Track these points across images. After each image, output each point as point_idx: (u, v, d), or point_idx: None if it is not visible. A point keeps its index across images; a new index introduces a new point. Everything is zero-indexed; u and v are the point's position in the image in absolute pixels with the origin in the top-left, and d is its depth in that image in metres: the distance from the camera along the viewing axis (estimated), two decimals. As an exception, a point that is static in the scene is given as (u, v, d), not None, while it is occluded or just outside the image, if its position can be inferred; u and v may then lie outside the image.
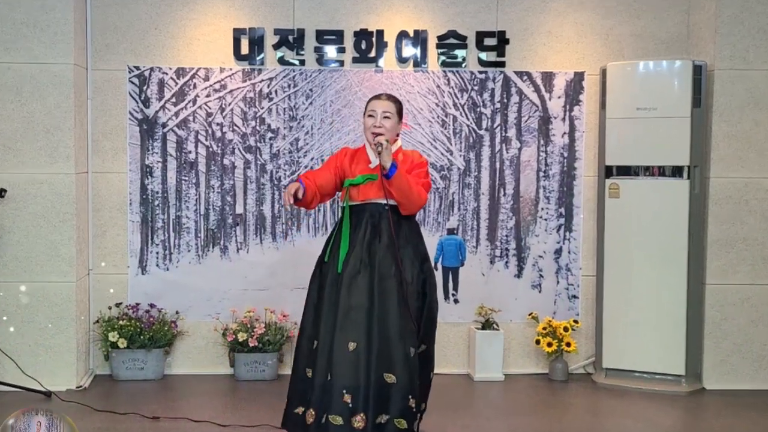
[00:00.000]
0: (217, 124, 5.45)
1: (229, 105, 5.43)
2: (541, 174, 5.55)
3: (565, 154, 5.55)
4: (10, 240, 5.05)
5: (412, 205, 3.81)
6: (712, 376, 5.32)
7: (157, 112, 5.42)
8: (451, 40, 5.48)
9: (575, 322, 5.44)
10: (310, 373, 3.81)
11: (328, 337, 3.74)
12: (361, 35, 5.43)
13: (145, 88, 5.39)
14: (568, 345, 5.35)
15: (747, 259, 5.29)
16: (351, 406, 3.67)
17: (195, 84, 5.41)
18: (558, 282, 5.60)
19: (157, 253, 5.46)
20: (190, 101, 5.43)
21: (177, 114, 5.43)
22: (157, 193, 5.46)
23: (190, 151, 5.45)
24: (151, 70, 5.40)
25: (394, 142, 3.92)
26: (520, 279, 5.58)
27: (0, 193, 4.89)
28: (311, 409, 3.74)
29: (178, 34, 5.41)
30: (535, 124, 5.53)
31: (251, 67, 5.42)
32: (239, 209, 5.48)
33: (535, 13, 5.48)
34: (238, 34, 5.40)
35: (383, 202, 3.82)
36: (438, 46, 5.47)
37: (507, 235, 5.58)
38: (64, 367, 5.13)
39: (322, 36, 5.43)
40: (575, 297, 5.60)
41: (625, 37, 5.53)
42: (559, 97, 5.53)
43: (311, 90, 5.43)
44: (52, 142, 5.05)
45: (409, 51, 5.45)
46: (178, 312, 5.48)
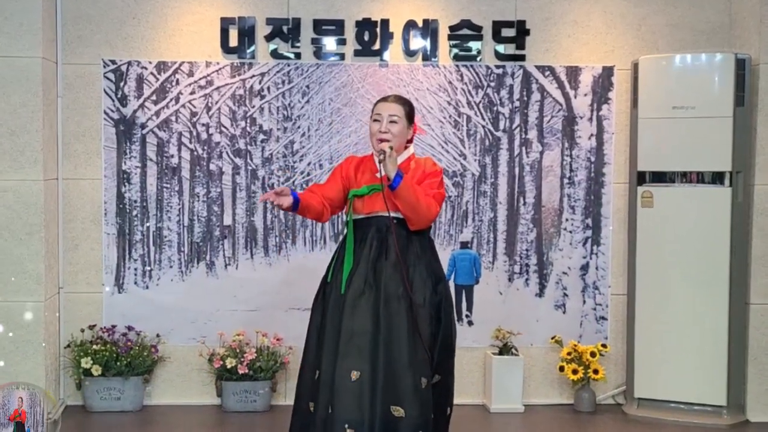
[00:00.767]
0: (203, 125, 5.43)
1: (216, 103, 5.41)
2: (565, 181, 5.53)
3: (592, 159, 5.52)
4: (-31, 255, 5.04)
5: (421, 219, 3.79)
6: (756, 407, 5.29)
7: (135, 112, 5.39)
8: (465, 31, 5.44)
9: (604, 346, 5.41)
10: (312, 407, 3.80)
11: (329, 366, 3.73)
12: (364, 25, 5.40)
13: (121, 84, 5.36)
14: (596, 372, 5.34)
15: (797, 277, 5.24)
16: (354, 442, 3.67)
17: (178, 80, 5.38)
18: (584, 302, 5.57)
19: (136, 269, 5.44)
20: (172, 99, 5.40)
21: (158, 113, 5.40)
22: (135, 202, 5.43)
23: (173, 155, 5.42)
24: (129, 64, 5.37)
25: (406, 149, 3.93)
26: (541, 298, 5.56)
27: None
28: (312, 447, 3.75)
29: (159, 24, 5.38)
30: (558, 125, 5.50)
31: (241, 61, 5.39)
32: (227, 220, 5.46)
33: (558, 0, 5.45)
34: (226, 24, 5.38)
35: (392, 215, 3.80)
36: (450, 38, 5.44)
37: (527, 250, 5.55)
38: (30, 398, 5.08)
39: (320, 26, 5.41)
40: (604, 318, 5.57)
41: (660, 27, 5.50)
42: (585, 94, 5.50)
43: (308, 87, 5.42)
44: (17, 145, 5.02)
45: (417, 43, 5.43)
46: (158, 335, 5.44)
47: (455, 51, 5.44)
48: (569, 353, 5.37)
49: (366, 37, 5.39)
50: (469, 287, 5.54)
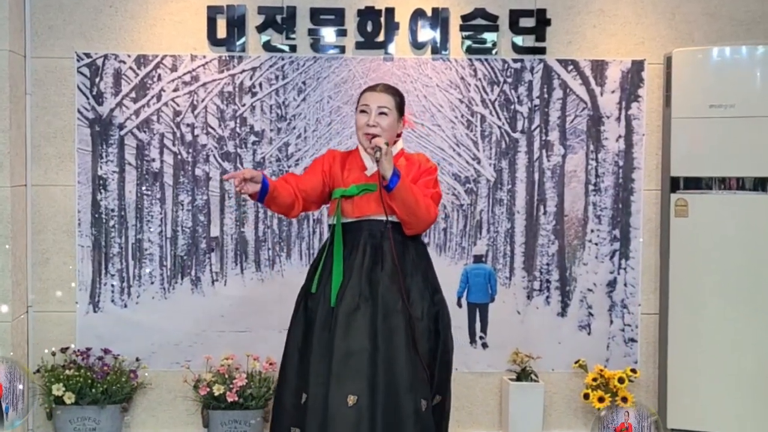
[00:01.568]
0: (188, 126, 5.42)
1: (203, 101, 5.40)
2: (590, 187, 5.51)
3: (620, 163, 5.50)
4: (-73, 270, 5.07)
5: (419, 222, 3.79)
6: (804, 440, 5.25)
7: (112, 111, 5.39)
8: (479, 21, 5.43)
9: (633, 371, 5.34)
10: None
11: (320, 390, 3.71)
12: (367, 14, 5.39)
13: (97, 80, 5.36)
14: (624, 400, 5.22)
15: None
16: (352, 475, 3.69)
17: (160, 75, 5.38)
18: (611, 322, 5.54)
19: (113, 285, 5.43)
20: (153, 97, 5.40)
21: (137, 113, 5.40)
22: (112, 211, 5.42)
23: (154, 159, 5.42)
24: (105, 57, 5.36)
25: (394, 144, 3.92)
26: (564, 318, 5.54)
27: None
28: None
29: (139, 14, 5.38)
30: (582, 126, 5.49)
31: (230, 54, 5.39)
32: (215, 231, 5.46)
33: (583, -14, 5.52)
34: (213, 13, 5.38)
35: (385, 218, 3.79)
36: (462, 28, 5.42)
37: (548, 264, 5.54)
38: (-5, 429, 4.96)
39: (318, 15, 5.39)
40: (633, 340, 5.54)
41: (696, 16, 5.49)
42: (612, 91, 5.48)
43: (304, 83, 5.42)
44: (-20, 148, 5.04)
45: (426, 34, 5.41)
46: (138, 359, 5.42)
47: (468, 43, 5.42)
48: (595, 379, 5.31)
49: (369, 28, 5.38)
50: (483, 306, 5.52)
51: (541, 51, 5.42)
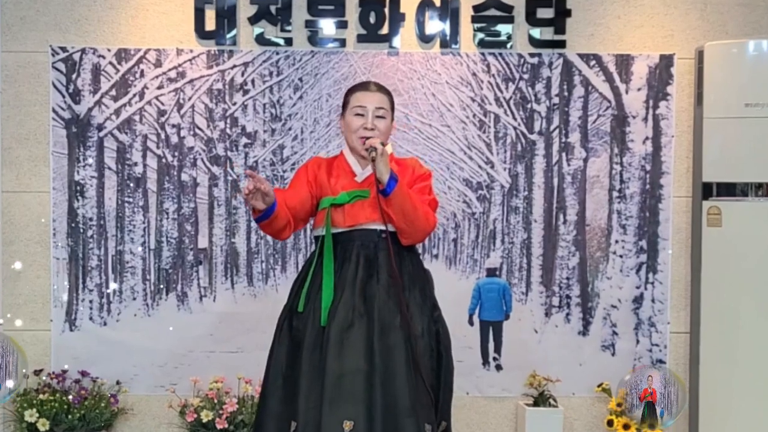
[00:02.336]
0: (173, 126, 5.41)
1: (190, 100, 5.40)
2: (614, 194, 5.50)
3: (647, 167, 5.48)
4: None
5: (417, 230, 3.78)
6: None
7: (90, 110, 5.38)
8: (493, 12, 5.43)
9: None
10: None
11: (312, 416, 3.67)
12: (369, 5, 5.40)
13: (74, 76, 5.35)
14: (652, 427, 5.21)
15: None
16: None
17: (143, 71, 5.38)
18: (638, 341, 5.51)
19: (91, 301, 5.41)
20: (135, 95, 5.39)
21: (118, 112, 5.39)
22: (90, 220, 5.42)
23: (136, 163, 5.42)
24: (83, 52, 5.35)
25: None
26: (586, 337, 5.51)
27: None
28: None
29: (120, 4, 5.39)
30: (606, 126, 5.48)
31: (219, 48, 5.40)
32: (203, 242, 5.45)
33: (606, -26, 5.54)
34: (201, 2, 5.39)
35: (380, 227, 3.78)
36: (474, 20, 5.41)
37: (568, 278, 5.52)
38: (-38, 460, 5.12)
39: (316, 6, 5.40)
40: (661, 362, 5.48)
41: (730, 7, 5.48)
42: (639, 89, 5.47)
43: (301, 80, 5.42)
44: (-55, 151, 5.03)
45: (434, 26, 5.40)
46: (119, 382, 5.38)
47: (480, 36, 5.41)
48: (620, 404, 5.28)
49: (372, 20, 5.37)
50: (497, 324, 5.49)
51: (561, 44, 5.41)
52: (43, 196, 5.33)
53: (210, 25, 5.33)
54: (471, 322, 5.35)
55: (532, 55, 5.41)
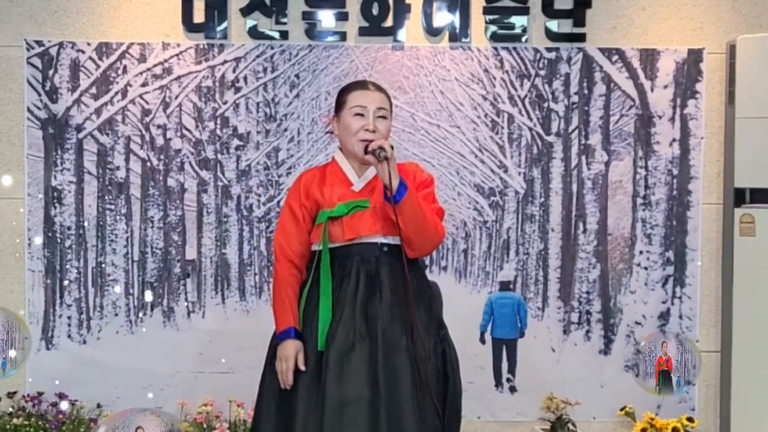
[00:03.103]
0: (159, 127, 5.40)
1: (177, 98, 5.38)
2: (638, 201, 5.48)
3: (674, 172, 5.45)
4: None
5: (426, 242, 3.75)
6: None
7: (69, 110, 5.36)
8: (506, 2, 5.42)
9: (690, 420, 5.30)
10: None
11: None
12: None
13: (51, 73, 5.33)
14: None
15: None
16: None
17: (125, 67, 5.36)
18: None
19: (69, 317, 5.39)
20: (118, 93, 5.37)
21: (98, 112, 5.37)
22: (69, 229, 5.39)
23: (119, 167, 5.40)
24: (61, 46, 5.34)
25: None
26: (607, 356, 5.48)
27: None
28: None
29: None
30: (630, 127, 5.46)
31: (209, 42, 5.37)
32: (191, 253, 5.44)
33: (630, -39, 5.50)
34: None
35: (381, 240, 3.75)
36: (486, 11, 5.39)
37: (588, 292, 5.49)
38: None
39: None
40: (689, 383, 5.30)
41: None
42: (665, 86, 5.43)
43: (297, 76, 5.40)
44: None
45: (443, 18, 5.38)
46: (100, 406, 5.33)
47: (493, 29, 5.38)
48: (644, 429, 5.24)
49: (375, 11, 5.34)
50: (511, 342, 5.48)
51: (580, 38, 5.41)
52: (16, 203, 5.34)
53: (199, 16, 5.32)
54: (483, 340, 5.33)
55: (549, 49, 5.39)
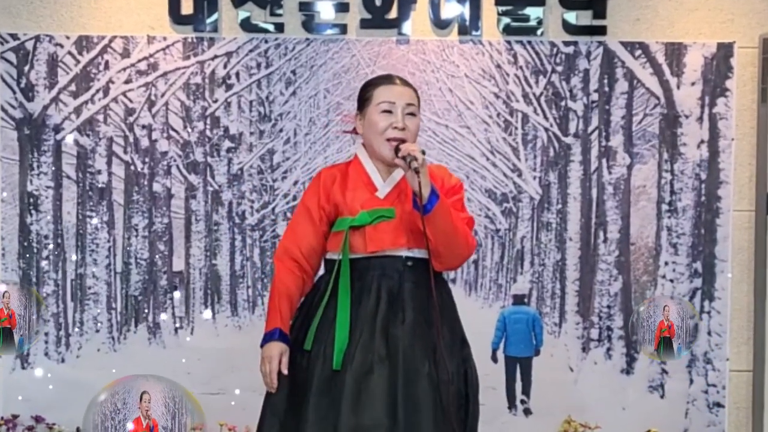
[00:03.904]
0: (143, 128, 5.37)
1: (163, 96, 5.35)
2: (663, 207, 5.43)
3: (702, 176, 5.41)
4: None
5: (455, 255, 3.71)
6: None
7: (46, 109, 5.33)
8: None
9: None
10: None
11: None
12: None
13: (26, 69, 5.32)
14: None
15: None
16: None
17: (107, 62, 5.32)
18: (691, 381, 5.43)
19: (47, 334, 5.36)
20: (99, 91, 5.33)
21: (78, 111, 5.33)
22: (46, 237, 5.37)
23: (100, 171, 5.37)
24: (37, 39, 5.32)
25: None
26: (630, 376, 5.42)
27: None
28: None
29: None
30: (654, 128, 5.40)
31: (198, 35, 5.34)
32: (178, 264, 5.42)
33: (655, -51, 5.41)
34: None
35: (406, 253, 3.71)
36: (499, 2, 5.34)
37: (609, 306, 5.44)
38: None
39: None
40: (719, 405, 5.41)
41: None
42: (693, 83, 5.38)
43: (294, 72, 5.36)
44: None
45: (452, 9, 5.33)
46: (80, 429, 5.25)
47: (506, 21, 5.33)
48: None
49: (378, 1, 5.30)
50: (525, 360, 5.44)
51: (601, 31, 5.35)
52: (-11, 210, 5.21)
53: (187, 8, 5.27)
54: (495, 359, 5.30)
55: (566, 43, 5.35)
